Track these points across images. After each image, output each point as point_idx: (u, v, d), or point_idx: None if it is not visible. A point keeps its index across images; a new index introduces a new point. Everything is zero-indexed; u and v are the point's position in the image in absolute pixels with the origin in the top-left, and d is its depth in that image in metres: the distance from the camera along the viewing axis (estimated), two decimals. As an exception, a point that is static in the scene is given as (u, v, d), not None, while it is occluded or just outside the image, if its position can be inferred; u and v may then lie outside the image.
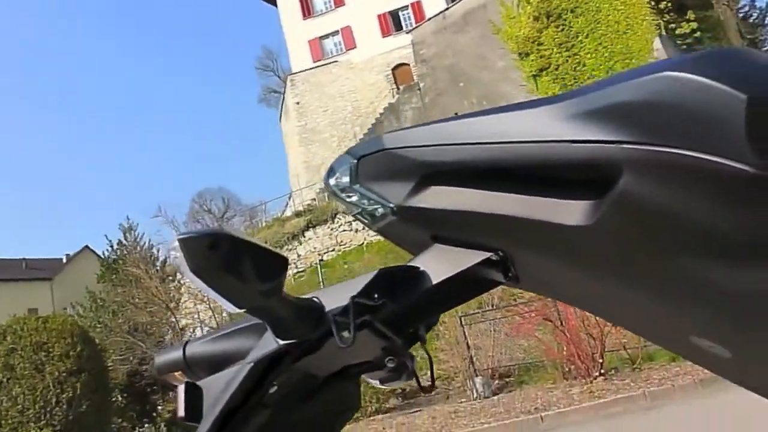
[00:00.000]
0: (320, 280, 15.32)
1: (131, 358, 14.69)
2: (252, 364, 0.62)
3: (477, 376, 10.41)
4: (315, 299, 0.64)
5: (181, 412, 0.68)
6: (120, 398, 14.86)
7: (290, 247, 22.74)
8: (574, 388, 8.68)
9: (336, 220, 22.11)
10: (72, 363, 10.58)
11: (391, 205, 0.65)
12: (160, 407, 15.58)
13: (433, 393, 11.33)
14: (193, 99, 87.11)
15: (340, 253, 22.20)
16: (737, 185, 0.41)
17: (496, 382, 10.50)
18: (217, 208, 35.22)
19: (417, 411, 9.86)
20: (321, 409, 0.75)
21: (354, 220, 21.18)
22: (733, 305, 0.49)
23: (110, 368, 13.52)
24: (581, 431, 6.57)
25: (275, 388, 0.66)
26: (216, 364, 0.72)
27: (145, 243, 20.06)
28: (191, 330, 16.81)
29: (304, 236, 22.93)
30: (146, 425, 14.50)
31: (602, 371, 8.79)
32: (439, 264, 0.66)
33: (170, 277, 19.60)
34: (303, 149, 31.90)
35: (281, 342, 0.63)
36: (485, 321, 11.54)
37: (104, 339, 14.46)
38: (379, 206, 0.67)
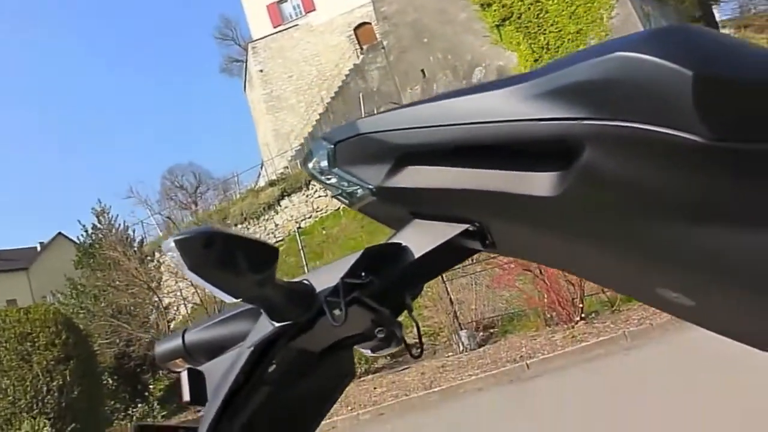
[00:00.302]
0: (300, 247, 15.34)
1: (117, 340, 14.67)
2: (251, 348, 0.66)
3: (462, 329, 10.61)
4: (305, 281, 0.68)
5: (186, 397, 0.71)
6: (110, 381, 14.89)
7: (267, 217, 22.67)
8: (557, 334, 8.91)
9: (311, 186, 22.02)
10: (58, 351, 10.56)
11: (370, 186, 0.68)
12: (151, 386, 15.66)
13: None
14: (154, 76, 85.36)
15: (317, 219, 22.19)
16: (689, 154, 0.45)
17: (481, 334, 10.72)
18: (189, 183, 34.84)
19: (406, 368, 10.05)
20: (319, 381, 0.80)
21: (329, 186, 21.30)
22: (692, 261, 0.53)
23: (97, 352, 13.51)
24: (565, 376, 6.77)
25: (274, 366, 0.70)
26: (214, 349, 0.75)
27: (119, 225, 19.82)
28: (175, 308, 16.81)
29: (280, 205, 22.85)
30: (139, 405, 14.59)
31: (583, 315, 9.01)
32: (420, 238, 0.70)
33: (149, 257, 19.47)
34: (271, 117, 31.52)
35: (276, 324, 0.66)
36: (466, 275, 11.70)
37: (88, 324, 14.39)
38: (358, 188, 0.70)
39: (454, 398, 7.37)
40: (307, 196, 22.63)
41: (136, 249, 18.62)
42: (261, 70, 31.89)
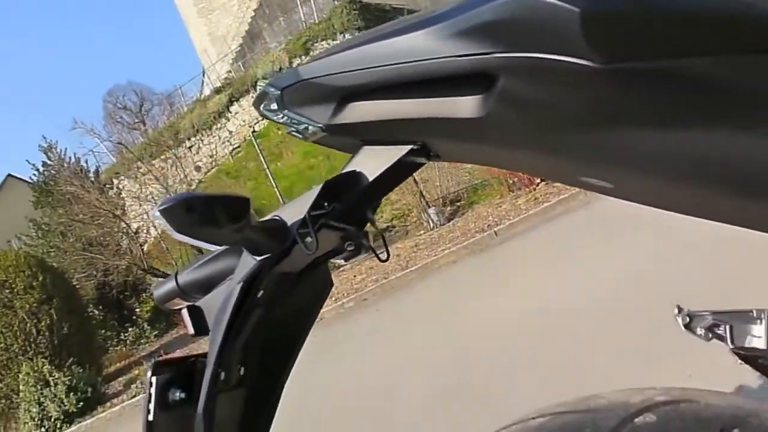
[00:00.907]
0: (258, 151, 15.19)
1: (94, 272, 14.71)
2: (241, 283, 0.75)
3: (429, 207, 10.89)
4: (277, 218, 0.77)
5: (191, 330, 0.82)
6: (96, 312, 15.11)
7: (218, 125, 22.19)
8: (520, 198, 9.22)
9: (258, 87, 21.44)
10: (38, 293, 10.61)
11: (319, 125, 0.76)
12: (137, 310, 15.96)
13: (392, 231, 11.89)
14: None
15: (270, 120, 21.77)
16: (585, 76, 0.53)
17: (449, 208, 11.02)
18: (132, 103, 33.51)
19: (381, 253, 10.37)
20: (302, 296, 0.91)
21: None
22: (602, 158, 0.63)
23: (77, 287, 13.59)
24: (531, 238, 7.10)
25: (261, 292, 0.80)
26: (206, 285, 0.85)
27: (70, 159, 19.27)
28: (144, 231, 16.79)
29: (230, 112, 22.31)
30: (130, 329, 14.92)
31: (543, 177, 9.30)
32: (372, 163, 0.78)
33: (107, 186, 19.14)
34: (203, 20, 30.00)
35: (258, 259, 0.75)
36: (427, 155, 11.80)
37: (62, 262, 14.34)
38: (309, 125, 0.78)
39: (431, 274, 7.72)
40: (256, 98, 22.06)
41: (93, 180, 18.24)
42: (183, -30, 30.01)
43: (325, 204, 0.76)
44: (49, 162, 18.66)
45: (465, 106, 0.63)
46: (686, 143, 0.56)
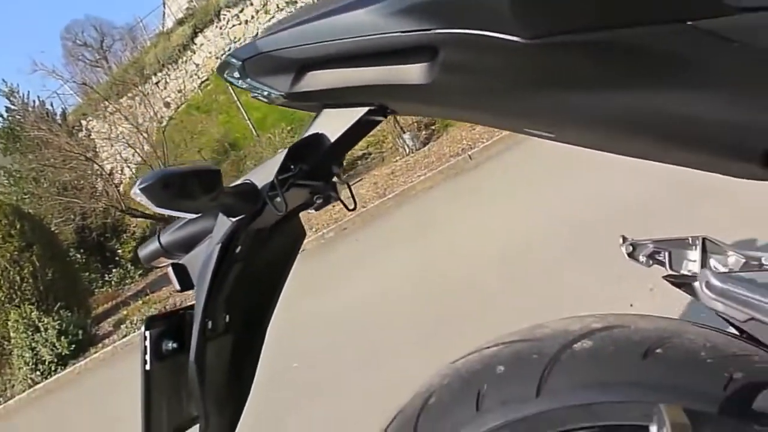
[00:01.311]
0: (227, 84, 14.87)
1: (72, 216, 14.63)
2: (219, 243, 0.82)
3: (404, 132, 10.89)
4: (248, 181, 0.83)
5: (177, 286, 0.89)
6: (78, 256, 15.14)
7: (184, 59, 21.55)
8: (493, 118, 9.22)
9: (222, 16, 20.78)
10: (18, 240, 10.58)
11: (281, 92, 0.81)
12: (120, 251, 16.01)
13: (369, 158, 11.94)
14: None
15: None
16: (514, 51, 0.60)
17: (423, 133, 11.03)
18: (92, 38, 32.32)
19: (359, 180, 10.44)
20: (278, 247, 0.99)
21: (240, 11, 19.77)
22: (536, 115, 0.70)
23: (57, 232, 13.56)
24: (504, 159, 7.19)
25: (240, 248, 0.87)
26: (188, 244, 0.92)
27: (35, 102, 18.73)
28: (119, 170, 16.63)
29: (195, 44, 21.63)
30: (114, 270, 15.01)
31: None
32: (333, 124, 0.84)
33: (76, 128, 18.75)
34: (158, -53, 28.66)
35: (234, 220, 0.82)
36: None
37: (38, 208, 14.23)
38: (271, 92, 0.83)
39: (408, 201, 7.82)
40: (220, 28, 21.40)
41: (60, 123, 17.82)
42: None
43: (292, 166, 0.82)
44: (12, 107, 18.13)
45: (413, 73, 0.69)
46: (607, 102, 0.64)
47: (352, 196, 1.04)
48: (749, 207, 2.77)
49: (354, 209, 1.04)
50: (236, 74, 0.84)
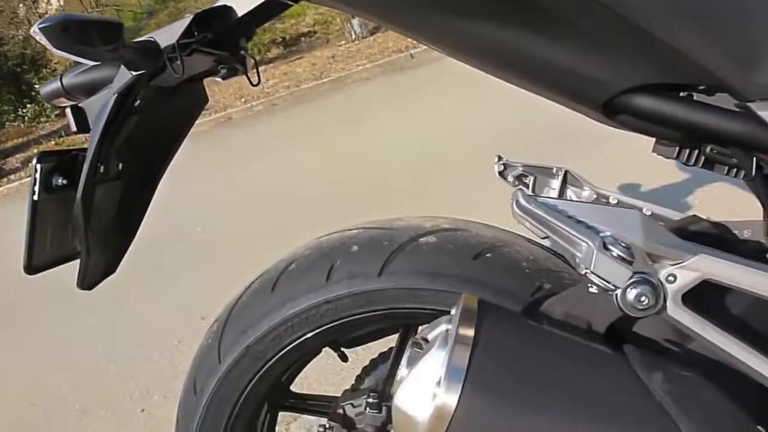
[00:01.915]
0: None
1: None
2: (116, 94, 0.86)
3: (354, 17, 10.58)
4: (152, 39, 0.87)
5: (73, 127, 0.93)
6: (-10, 84, 14.21)
7: None
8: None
9: None
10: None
11: None
12: (37, 86, 15.10)
13: (313, 37, 11.59)
14: None
15: None
16: None
17: (372, 21, 10.75)
18: None
19: (298, 59, 10.18)
20: (178, 106, 1.03)
21: None
22: (428, 32, 0.78)
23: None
24: (446, 62, 7.16)
25: (139, 102, 0.91)
26: (89, 89, 0.95)
27: None
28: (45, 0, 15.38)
29: None
30: (28, 105, 14.23)
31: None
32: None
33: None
34: None
35: (134, 73, 0.86)
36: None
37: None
38: None
39: (342, 88, 7.74)
40: None
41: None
42: None
43: (196, 33, 0.86)
44: None
45: None
46: (481, 33, 0.72)
47: (258, 72, 1.09)
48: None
49: (257, 85, 1.09)
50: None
